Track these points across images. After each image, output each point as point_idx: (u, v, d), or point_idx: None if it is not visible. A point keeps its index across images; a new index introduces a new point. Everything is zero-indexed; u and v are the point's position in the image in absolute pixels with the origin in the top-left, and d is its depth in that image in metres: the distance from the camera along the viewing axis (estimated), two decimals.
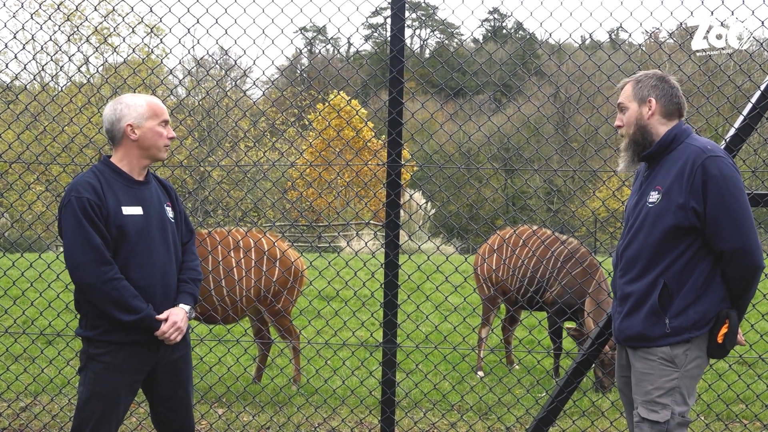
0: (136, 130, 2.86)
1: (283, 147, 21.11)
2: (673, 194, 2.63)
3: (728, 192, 2.55)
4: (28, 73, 18.82)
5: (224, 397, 5.24)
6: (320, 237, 20.94)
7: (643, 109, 2.76)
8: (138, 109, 2.87)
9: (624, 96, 2.81)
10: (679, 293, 2.64)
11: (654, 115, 2.75)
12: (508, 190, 25.57)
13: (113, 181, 2.84)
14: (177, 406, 3.01)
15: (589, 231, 20.56)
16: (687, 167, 2.61)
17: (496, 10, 39.47)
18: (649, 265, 2.70)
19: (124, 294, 2.75)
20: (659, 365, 2.68)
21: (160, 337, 2.84)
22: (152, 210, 2.90)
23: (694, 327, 2.64)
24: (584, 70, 4.24)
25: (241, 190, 18.41)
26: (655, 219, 2.68)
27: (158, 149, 2.92)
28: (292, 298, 5.62)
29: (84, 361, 2.86)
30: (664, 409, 2.64)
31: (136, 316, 2.77)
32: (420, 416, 4.89)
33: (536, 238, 6.19)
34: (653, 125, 2.76)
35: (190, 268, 3.07)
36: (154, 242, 2.88)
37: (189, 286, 3.02)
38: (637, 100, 2.77)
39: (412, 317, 7.02)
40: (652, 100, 2.75)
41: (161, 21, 4.35)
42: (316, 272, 7.95)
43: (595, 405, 4.86)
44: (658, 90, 2.75)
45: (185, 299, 2.98)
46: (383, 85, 4.41)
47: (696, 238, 2.63)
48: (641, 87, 2.77)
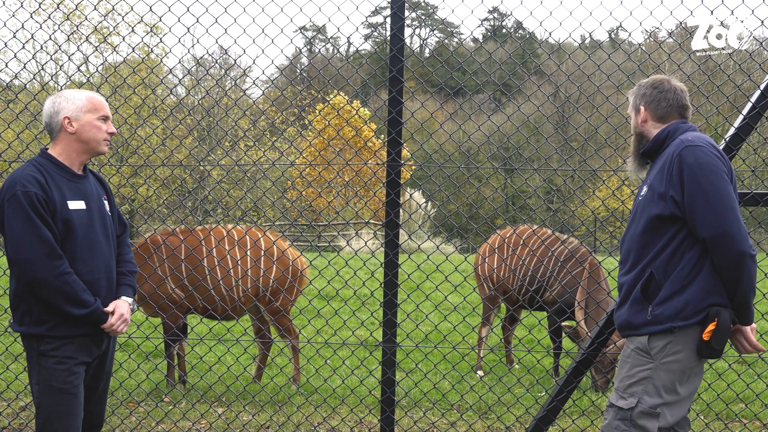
0: (74, 123, 2.86)
1: (282, 146, 21.11)
2: (656, 185, 2.72)
3: (705, 179, 2.58)
4: (27, 72, 18.81)
5: (224, 396, 5.24)
6: (320, 236, 20.94)
7: (638, 118, 2.91)
8: (76, 102, 2.87)
9: (629, 107, 2.99)
10: (666, 282, 2.67)
11: (647, 122, 2.89)
12: (507, 190, 25.58)
13: (56, 175, 2.83)
14: (95, 398, 3.04)
15: (588, 230, 20.57)
16: (668, 159, 2.70)
17: (495, 9, 39.49)
18: (639, 257, 2.76)
19: (75, 288, 2.77)
20: (635, 354, 2.73)
21: (107, 330, 2.89)
22: (93, 204, 2.92)
23: (677, 317, 2.63)
24: (584, 70, 4.24)
25: (241, 190, 18.41)
26: (642, 211, 2.77)
27: (97, 143, 2.91)
28: (291, 297, 5.62)
29: (34, 359, 2.84)
30: (632, 396, 2.68)
31: (87, 310, 2.79)
32: (420, 415, 4.89)
33: (536, 238, 6.19)
34: (648, 130, 2.89)
35: (127, 261, 3.11)
36: (97, 236, 2.90)
37: (128, 278, 3.07)
38: (634, 108, 2.94)
39: (412, 316, 7.02)
40: (642, 108, 2.89)
41: (161, 20, 4.34)
42: (316, 271, 7.96)
43: (595, 404, 4.86)
44: (646, 98, 2.88)
45: (127, 291, 3.03)
46: (383, 84, 4.40)
47: (680, 228, 2.66)
48: (635, 97, 2.93)
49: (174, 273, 5.24)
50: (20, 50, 4.69)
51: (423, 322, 7.73)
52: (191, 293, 5.19)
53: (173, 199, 18.87)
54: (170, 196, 18.64)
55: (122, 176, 17.23)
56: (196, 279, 5.23)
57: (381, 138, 17.73)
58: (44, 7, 20.01)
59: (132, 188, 18.41)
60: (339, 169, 17.07)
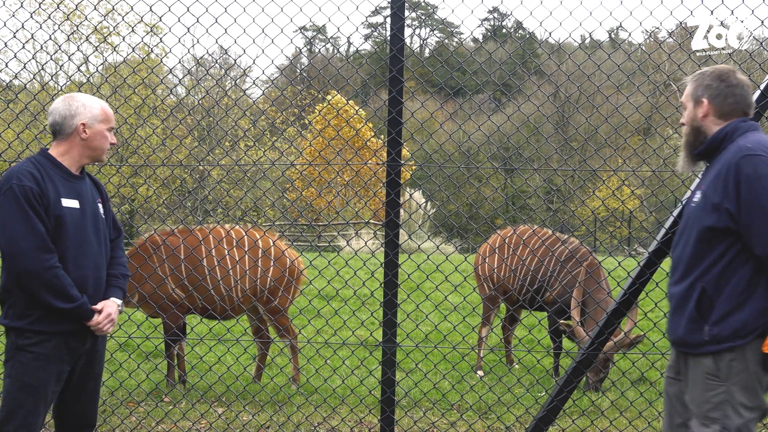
0: (88, 130, 2.93)
1: (282, 146, 21.11)
2: (710, 194, 2.55)
3: (763, 192, 2.42)
4: (27, 72, 18.81)
5: (224, 396, 5.24)
6: (320, 236, 20.94)
7: (698, 110, 2.68)
8: (93, 110, 2.94)
9: (684, 95, 2.75)
10: (719, 299, 2.53)
11: (707, 116, 2.66)
12: (507, 190, 25.57)
13: (53, 173, 2.89)
14: (86, 397, 3.05)
15: (588, 230, 20.57)
16: (724, 166, 2.52)
17: (495, 9, 39.46)
18: (689, 268, 2.60)
19: (63, 282, 2.80)
20: (705, 379, 2.58)
21: (93, 328, 2.91)
22: (87, 204, 2.97)
23: (736, 336, 2.51)
24: (584, 70, 4.24)
25: (241, 190, 18.40)
26: (695, 220, 2.60)
27: (102, 152, 3.01)
28: (289, 296, 5.62)
29: (11, 352, 2.87)
30: (714, 423, 2.53)
31: (73, 304, 2.83)
32: (420, 415, 4.89)
33: (536, 238, 6.19)
34: (707, 126, 2.67)
35: (119, 264, 3.15)
36: (88, 236, 2.94)
37: (119, 280, 3.11)
38: (693, 99, 2.70)
39: (412, 316, 7.00)
40: (704, 101, 2.66)
41: (161, 20, 4.35)
42: (316, 271, 7.95)
43: (595, 404, 4.86)
44: (711, 90, 2.64)
45: (116, 293, 3.06)
46: (383, 84, 4.40)
47: (734, 242, 2.51)
48: (696, 86, 2.69)
49: (174, 273, 5.24)
50: (20, 50, 4.69)
51: (423, 322, 7.73)
52: (191, 293, 5.19)
53: (173, 199, 18.87)
54: (170, 196, 18.64)
55: (122, 176, 17.23)
56: (196, 279, 5.23)
57: (381, 138, 17.73)
58: (44, 7, 20.02)
59: (132, 188, 18.41)
60: (339, 169, 17.06)
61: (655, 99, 13.48)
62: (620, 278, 4.67)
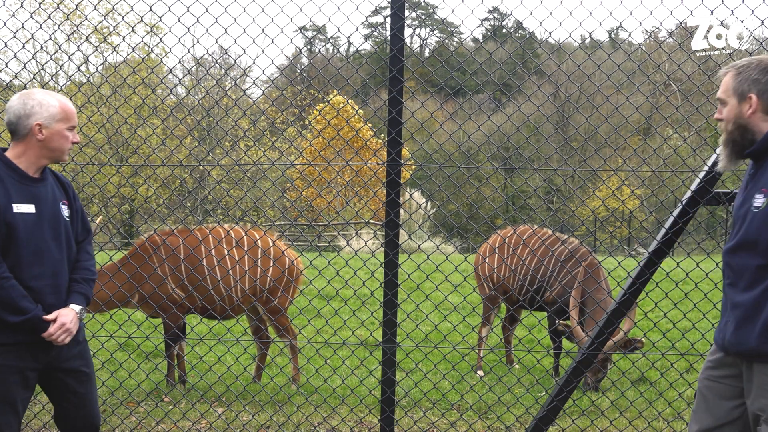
0: (44, 130, 2.77)
1: (282, 146, 21.11)
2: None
3: None
4: (27, 72, 18.80)
5: (224, 396, 5.24)
6: (320, 236, 20.94)
7: (743, 107, 2.45)
8: (50, 109, 2.78)
9: (723, 89, 2.52)
10: None
11: (755, 113, 2.44)
12: (507, 190, 25.58)
13: (6, 176, 2.75)
14: (81, 402, 2.97)
15: (588, 230, 20.58)
16: None
17: (495, 9, 39.48)
18: (759, 276, 2.46)
19: (12, 294, 2.68)
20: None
21: (47, 339, 2.78)
22: (45, 208, 2.81)
23: None
24: (584, 70, 4.24)
25: (241, 190, 18.41)
26: (762, 225, 2.40)
27: (62, 152, 2.85)
28: (289, 296, 5.62)
29: None
30: None
31: (23, 317, 2.71)
32: (420, 415, 4.89)
33: (536, 238, 6.19)
34: (755, 123, 2.45)
35: (83, 268, 3.00)
36: (45, 242, 2.80)
37: (81, 286, 2.96)
38: (737, 95, 2.46)
39: (412, 316, 7.01)
40: (753, 97, 2.43)
41: (161, 20, 4.34)
42: (316, 271, 7.95)
43: (595, 404, 4.86)
44: (760, 84, 2.42)
45: (77, 299, 2.92)
46: (383, 84, 4.40)
47: None
48: (741, 80, 2.45)
49: (174, 273, 5.24)
50: (20, 50, 4.69)
51: (423, 322, 7.73)
52: (191, 293, 5.20)
53: (173, 199, 18.87)
54: (170, 196, 18.65)
55: (122, 176, 17.22)
56: (196, 279, 5.23)
57: (381, 138, 17.73)
58: (44, 7, 20.03)
59: (132, 188, 18.41)
60: (339, 169, 17.06)
61: (655, 99, 13.48)
62: (620, 278, 4.67)
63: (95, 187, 17.70)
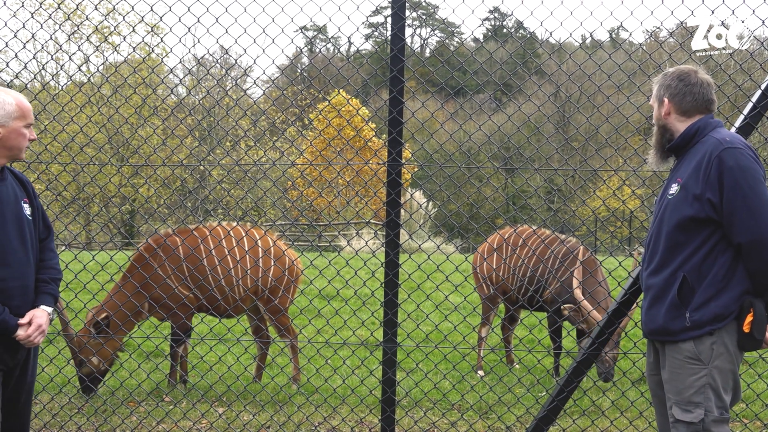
0: (1, 129, 2.71)
1: (283, 146, 21.11)
2: (690, 185, 2.65)
3: (745, 183, 2.54)
4: (28, 72, 18.83)
5: (224, 396, 5.24)
6: (321, 236, 20.95)
7: (661, 110, 2.84)
8: (6, 107, 2.71)
9: (652, 95, 2.91)
10: (700, 287, 2.63)
11: (670, 115, 2.82)
12: (508, 190, 25.57)
13: None
14: (18, 410, 2.90)
15: (589, 230, 20.57)
16: (704, 159, 2.63)
17: (496, 9, 39.45)
18: (668, 258, 2.70)
19: None
20: (686, 364, 2.66)
21: (23, 341, 2.74)
22: (7, 208, 2.75)
23: (715, 320, 2.61)
24: (585, 69, 4.24)
25: (242, 189, 18.42)
26: (673, 210, 2.70)
27: (20, 150, 2.78)
28: (289, 296, 5.62)
29: None
30: (697, 407, 2.62)
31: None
32: (420, 415, 4.89)
33: (536, 238, 6.19)
34: (671, 123, 2.82)
35: (49, 267, 2.95)
36: (10, 243, 2.73)
37: (49, 286, 2.91)
38: (657, 100, 2.86)
39: (413, 316, 7.02)
40: (665, 100, 2.81)
41: (162, 20, 4.35)
42: (317, 271, 7.95)
43: (596, 404, 4.86)
44: (671, 90, 2.80)
45: (46, 300, 2.87)
46: (384, 84, 4.41)
47: (714, 231, 2.62)
48: (659, 87, 2.85)
49: (179, 275, 5.23)
50: (21, 50, 4.70)
51: (423, 322, 7.73)
52: (198, 295, 5.19)
53: (174, 199, 18.88)
54: (171, 196, 18.65)
55: (123, 176, 17.23)
56: (201, 279, 5.22)
57: (382, 138, 17.73)
58: (45, 7, 20.03)
59: (133, 188, 18.41)
60: (340, 169, 17.06)
61: None
62: (620, 278, 4.67)
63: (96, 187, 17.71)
